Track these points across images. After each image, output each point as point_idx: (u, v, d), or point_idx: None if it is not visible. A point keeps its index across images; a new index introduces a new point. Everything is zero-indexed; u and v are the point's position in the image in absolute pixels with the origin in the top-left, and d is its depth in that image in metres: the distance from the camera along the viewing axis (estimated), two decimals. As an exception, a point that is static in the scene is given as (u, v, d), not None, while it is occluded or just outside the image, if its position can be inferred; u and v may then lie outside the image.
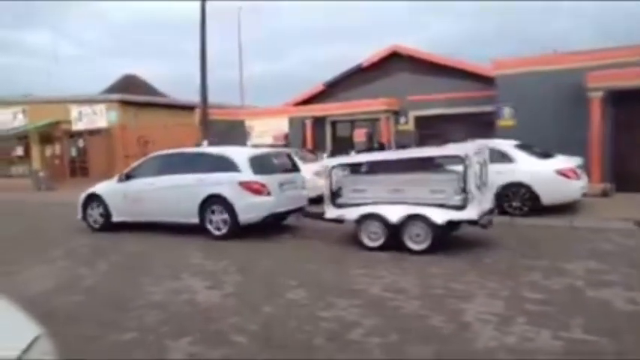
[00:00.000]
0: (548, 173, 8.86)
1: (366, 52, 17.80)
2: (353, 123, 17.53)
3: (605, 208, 9.68)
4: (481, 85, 14.86)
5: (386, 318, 4.31)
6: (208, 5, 15.43)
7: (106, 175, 19.20)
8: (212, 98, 17.27)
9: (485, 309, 4.42)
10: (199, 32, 15.84)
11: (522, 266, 5.86)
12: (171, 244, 8.00)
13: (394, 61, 16.92)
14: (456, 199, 6.54)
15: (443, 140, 13.32)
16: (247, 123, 19.19)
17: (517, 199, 9.07)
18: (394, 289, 5.10)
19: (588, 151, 11.34)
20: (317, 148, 17.01)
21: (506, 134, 12.00)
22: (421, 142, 16.42)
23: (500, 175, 9.14)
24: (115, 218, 9.32)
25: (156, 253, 7.48)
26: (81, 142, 21.67)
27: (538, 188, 8.84)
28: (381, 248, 6.84)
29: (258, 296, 5.09)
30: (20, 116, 23.55)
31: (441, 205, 6.61)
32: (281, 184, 8.38)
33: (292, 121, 18.24)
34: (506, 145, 9.59)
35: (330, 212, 7.39)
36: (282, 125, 18.44)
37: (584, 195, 9.38)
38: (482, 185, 6.85)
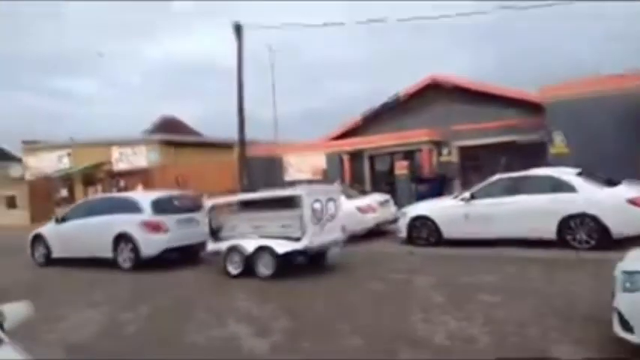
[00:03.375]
0: (617, 202, 8.04)
1: (403, 86, 17.45)
2: (392, 156, 17.06)
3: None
4: (528, 112, 14.23)
5: None
6: (246, 48, 15.69)
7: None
8: (248, 135, 17.29)
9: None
10: (236, 73, 16.00)
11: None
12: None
13: (433, 91, 16.54)
14: (299, 233, 7.69)
15: (490, 171, 12.73)
16: (285, 159, 19.04)
17: (582, 232, 8.26)
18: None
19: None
20: (355, 183, 16.58)
21: (559, 162, 11.26)
22: (464, 173, 15.80)
23: (560, 205, 8.46)
24: (54, 255, 10.64)
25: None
26: (122, 183, 22.02)
27: (606, 219, 8.03)
28: (240, 275, 7.91)
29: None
30: (65, 159, 24.31)
31: (289, 238, 7.79)
32: (179, 222, 9.53)
33: (329, 156, 17.95)
34: (566, 174, 8.88)
35: (210, 246, 8.68)
36: (319, 160, 18.18)
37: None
38: (326, 220, 7.98)
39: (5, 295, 6.94)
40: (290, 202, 7.98)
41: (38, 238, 10.94)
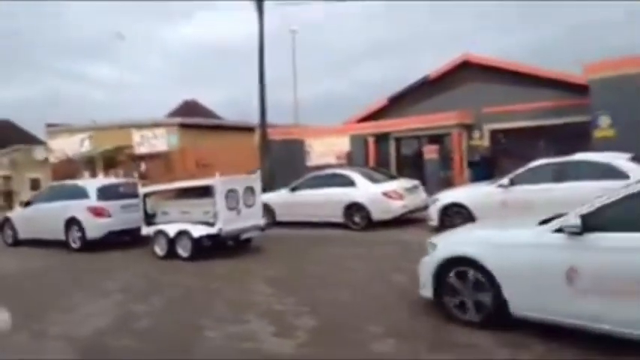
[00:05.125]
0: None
1: (430, 68, 16.60)
2: (420, 139, 16.30)
3: None
4: (567, 93, 13.30)
5: None
6: (266, 30, 15.15)
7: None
8: (270, 120, 16.80)
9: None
10: (257, 54, 15.49)
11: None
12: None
13: (465, 71, 15.66)
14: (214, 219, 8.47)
15: (524, 156, 11.98)
16: (307, 142, 18.45)
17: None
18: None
19: None
20: (380, 167, 15.91)
21: (604, 146, 10.42)
22: (495, 158, 14.98)
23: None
24: (21, 236, 11.70)
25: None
26: (143, 166, 21.79)
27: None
28: (165, 257, 8.76)
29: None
30: (87, 142, 24.25)
31: (207, 223, 8.53)
32: (123, 208, 10.31)
33: (354, 139, 17.28)
34: (617, 159, 8.08)
35: (144, 230, 9.55)
36: (343, 144, 17.54)
37: None
38: (242, 207, 8.77)
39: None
40: (210, 191, 8.62)
41: (7, 221, 12.01)
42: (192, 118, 25.24)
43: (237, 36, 66.23)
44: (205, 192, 8.79)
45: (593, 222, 3.69)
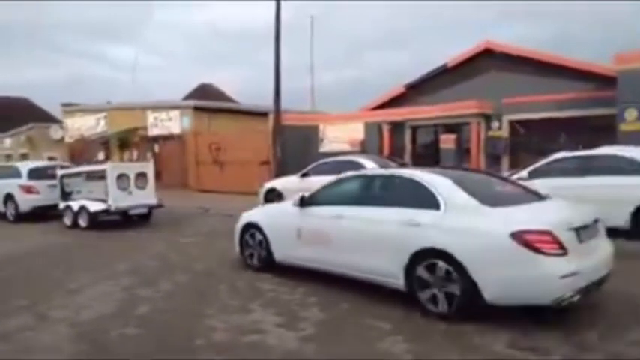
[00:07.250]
0: None
1: (445, 57, 16.06)
2: (436, 128, 15.88)
3: None
4: (591, 84, 12.77)
5: None
6: (283, 17, 14.86)
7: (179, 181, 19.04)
8: (288, 106, 16.52)
9: None
10: (274, 35, 15.19)
11: None
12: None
13: (485, 59, 15.13)
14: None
15: (543, 149, 11.59)
16: (321, 129, 18.14)
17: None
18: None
19: None
20: (395, 156, 15.57)
21: (630, 140, 9.97)
22: (514, 150, 14.53)
23: (635, 190, 7.32)
24: None
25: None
26: (156, 148, 21.77)
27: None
28: (70, 227, 10.84)
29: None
30: (102, 123, 24.31)
31: (104, 201, 10.50)
32: (50, 187, 11.99)
33: (368, 127, 16.93)
34: (645, 154, 7.67)
35: (60, 205, 11.36)
36: (357, 131, 17.19)
37: None
38: (134, 189, 10.78)
39: None
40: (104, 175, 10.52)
41: None
42: (207, 101, 25.07)
43: (257, 21, 65.72)
44: (103, 175, 10.63)
45: (309, 200, 5.84)
